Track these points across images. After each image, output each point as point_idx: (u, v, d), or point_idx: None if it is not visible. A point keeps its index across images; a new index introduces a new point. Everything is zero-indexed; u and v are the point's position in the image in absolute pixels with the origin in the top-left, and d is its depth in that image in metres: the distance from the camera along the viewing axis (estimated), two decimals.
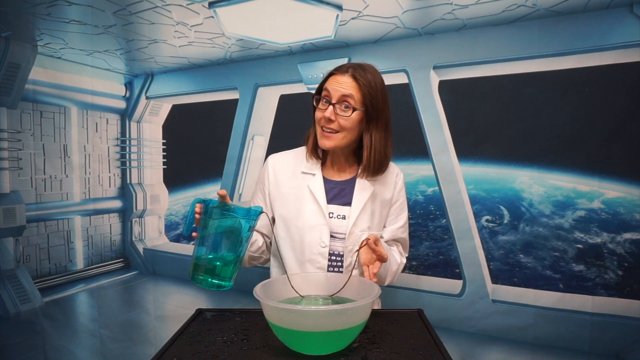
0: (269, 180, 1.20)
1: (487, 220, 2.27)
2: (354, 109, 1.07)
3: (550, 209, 2.13)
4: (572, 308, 2.06)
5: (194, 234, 0.97)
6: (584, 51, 1.98)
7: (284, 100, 2.90)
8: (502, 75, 2.19)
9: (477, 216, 2.28)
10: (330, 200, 1.13)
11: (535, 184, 2.16)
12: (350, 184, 1.15)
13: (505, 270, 2.22)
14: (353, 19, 2.15)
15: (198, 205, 0.97)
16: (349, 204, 1.12)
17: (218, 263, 0.93)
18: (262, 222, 1.20)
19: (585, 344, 2.02)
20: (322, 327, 0.74)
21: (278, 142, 2.89)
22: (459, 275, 2.31)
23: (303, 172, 1.16)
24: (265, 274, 1.26)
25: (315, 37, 2.41)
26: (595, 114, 1.99)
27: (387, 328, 0.91)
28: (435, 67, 2.31)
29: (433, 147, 2.32)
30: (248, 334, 0.89)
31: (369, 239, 0.97)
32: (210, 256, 0.94)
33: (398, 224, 1.20)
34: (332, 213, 1.12)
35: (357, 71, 1.09)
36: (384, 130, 1.11)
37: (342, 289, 0.93)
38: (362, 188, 1.13)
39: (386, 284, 1.15)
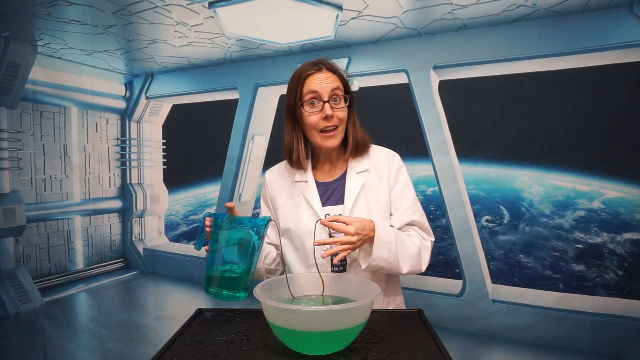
0: (269, 194, 1.22)
1: (487, 220, 2.27)
2: (345, 98, 1.09)
3: (550, 209, 2.13)
4: (572, 308, 2.06)
5: (205, 247, 0.98)
6: (584, 51, 1.98)
7: (284, 100, 2.89)
8: (502, 75, 2.19)
9: (477, 216, 2.28)
10: (325, 203, 1.14)
11: (535, 184, 2.16)
12: (341, 182, 1.15)
13: (505, 270, 2.22)
14: (353, 19, 2.15)
15: (208, 219, 0.97)
16: (342, 202, 1.13)
17: (231, 274, 0.93)
18: (274, 235, 1.21)
19: (585, 344, 2.02)
20: (322, 327, 0.74)
21: (278, 142, 2.88)
22: (459, 275, 2.31)
23: (296, 181, 1.18)
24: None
25: (315, 37, 2.40)
26: (595, 114, 1.99)
27: (387, 328, 0.91)
28: (435, 67, 2.31)
29: (433, 147, 2.32)
30: (248, 334, 0.89)
31: (320, 221, 0.98)
32: (222, 268, 0.94)
33: (403, 206, 1.15)
34: (329, 214, 1.12)
35: (329, 64, 1.12)
36: (355, 113, 1.16)
37: (321, 268, 0.93)
38: (353, 182, 1.14)
39: (405, 271, 1.04)
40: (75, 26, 2.35)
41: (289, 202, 1.18)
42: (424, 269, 1.10)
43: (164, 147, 3.59)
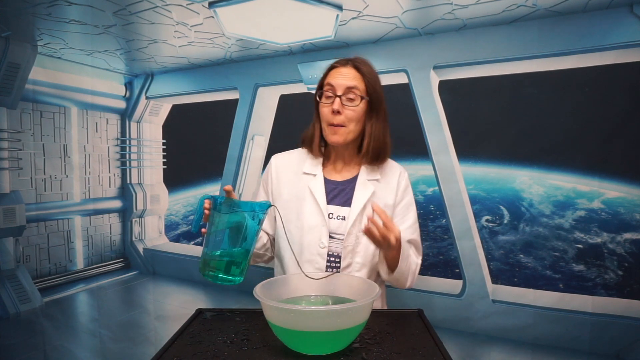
0: (271, 180, 1.20)
1: (487, 220, 2.27)
2: (361, 99, 1.08)
3: (550, 209, 2.13)
4: (572, 308, 2.06)
5: (203, 230, 0.97)
6: (584, 51, 1.98)
7: (284, 100, 2.90)
8: (502, 75, 2.19)
9: (477, 216, 2.28)
10: (330, 201, 1.13)
11: (535, 184, 2.16)
12: (350, 185, 1.14)
13: (505, 270, 2.22)
14: (353, 19, 2.15)
15: (207, 201, 0.97)
16: (348, 204, 1.12)
17: (228, 258, 0.93)
18: (268, 221, 1.20)
19: (585, 344, 2.02)
20: (322, 327, 0.74)
21: (278, 142, 2.90)
22: (459, 275, 2.30)
23: (305, 173, 1.16)
24: (266, 274, 1.26)
25: (315, 37, 2.40)
26: (595, 114, 1.99)
27: (387, 328, 0.91)
28: (435, 67, 2.31)
29: (433, 147, 2.32)
30: (248, 334, 0.89)
31: (373, 210, 0.97)
32: (220, 252, 0.94)
33: (405, 224, 1.16)
34: (332, 214, 1.12)
35: (357, 62, 1.11)
36: (383, 120, 1.13)
37: (325, 277, 0.94)
38: (363, 188, 1.12)
39: (407, 285, 1.10)
40: (75, 26, 2.35)
41: (293, 192, 1.16)
42: (413, 284, 1.15)
43: (164, 147, 3.59)
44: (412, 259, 1.09)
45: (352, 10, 2.06)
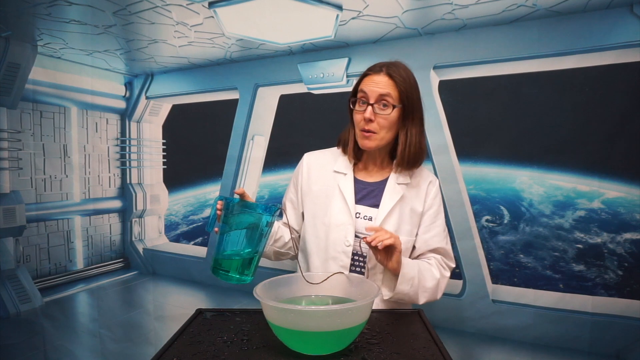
0: (302, 176, 1.22)
1: (487, 220, 2.27)
2: (393, 107, 1.08)
3: (550, 209, 2.13)
4: (572, 308, 2.06)
5: (216, 229, 1.00)
6: (584, 51, 1.98)
7: (284, 100, 2.90)
8: (502, 75, 2.19)
9: (477, 216, 2.28)
10: (358, 201, 1.14)
11: (535, 184, 2.16)
12: (380, 186, 1.15)
13: (505, 270, 2.22)
14: (353, 19, 2.15)
15: (219, 202, 1.00)
16: (377, 205, 1.12)
17: (238, 258, 0.95)
18: (294, 219, 1.21)
19: (585, 344, 2.02)
20: (322, 327, 0.74)
21: (278, 142, 2.90)
22: (459, 275, 2.30)
23: (335, 171, 1.18)
24: (266, 274, 1.26)
25: (315, 37, 2.40)
26: (595, 114, 1.99)
27: (387, 328, 0.91)
28: (435, 67, 2.31)
29: (433, 147, 2.32)
30: (248, 334, 0.89)
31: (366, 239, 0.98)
32: (230, 252, 0.96)
33: (432, 232, 1.15)
34: (359, 213, 1.13)
35: (391, 69, 1.11)
36: (419, 124, 1.14)
37: (324, 280, 0.94)
38: (392, 191, 1.13)
39: (422, 302, 1.08)
40: (75, 26, 2.35)
41: (322, 189, 1.18)
42: (439, 297, 1.13)
43: (164, 147, 3.59)
44: (428, 275, 1.09)
45: (352, 10, 2.06)
